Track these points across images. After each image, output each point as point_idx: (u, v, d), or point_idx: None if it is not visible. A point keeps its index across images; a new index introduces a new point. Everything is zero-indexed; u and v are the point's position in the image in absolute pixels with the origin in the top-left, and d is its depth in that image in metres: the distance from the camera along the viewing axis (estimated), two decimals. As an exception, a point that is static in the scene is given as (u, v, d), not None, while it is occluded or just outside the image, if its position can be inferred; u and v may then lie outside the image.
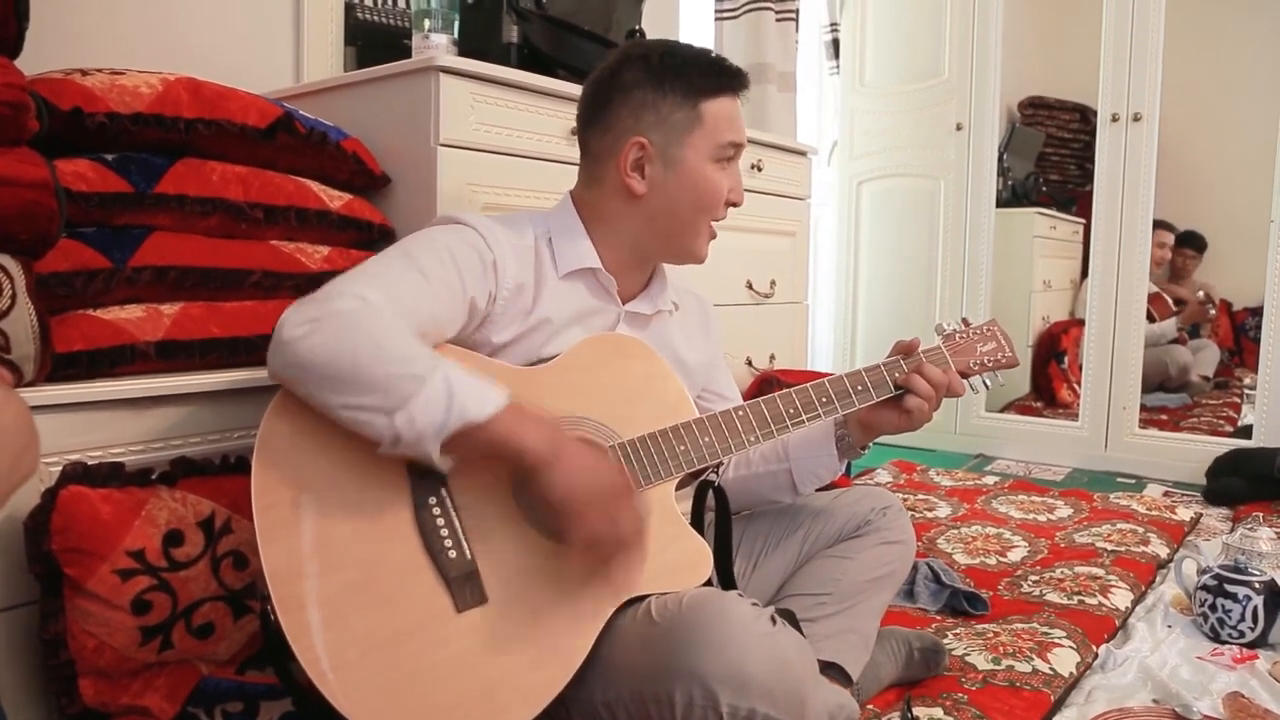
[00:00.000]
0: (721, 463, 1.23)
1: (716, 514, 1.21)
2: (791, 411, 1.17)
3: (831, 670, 1.20)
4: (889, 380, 1.20)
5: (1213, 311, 3.75)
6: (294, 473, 0.93)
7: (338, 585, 0.90)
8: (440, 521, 0.96)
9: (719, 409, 1.16)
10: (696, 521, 1.20)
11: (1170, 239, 3.66)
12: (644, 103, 1.15)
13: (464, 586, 0.95)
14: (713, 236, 1.23)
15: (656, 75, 1.15)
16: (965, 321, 1.32)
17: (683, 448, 1.10)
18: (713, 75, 1.17)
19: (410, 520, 0.96)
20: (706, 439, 1.12)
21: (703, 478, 1.24)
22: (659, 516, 1.06)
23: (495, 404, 0.91)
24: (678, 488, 1.14)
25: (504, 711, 0.92)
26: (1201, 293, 3.71)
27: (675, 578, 1.03)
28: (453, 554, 0.96)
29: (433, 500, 0.97)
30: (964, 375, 1.27)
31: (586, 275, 1.18)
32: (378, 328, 0.92)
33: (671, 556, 1.05)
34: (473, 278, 1.07)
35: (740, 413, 1.15)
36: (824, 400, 1.18)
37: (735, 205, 1.22)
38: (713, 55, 1.19)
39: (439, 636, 0.92)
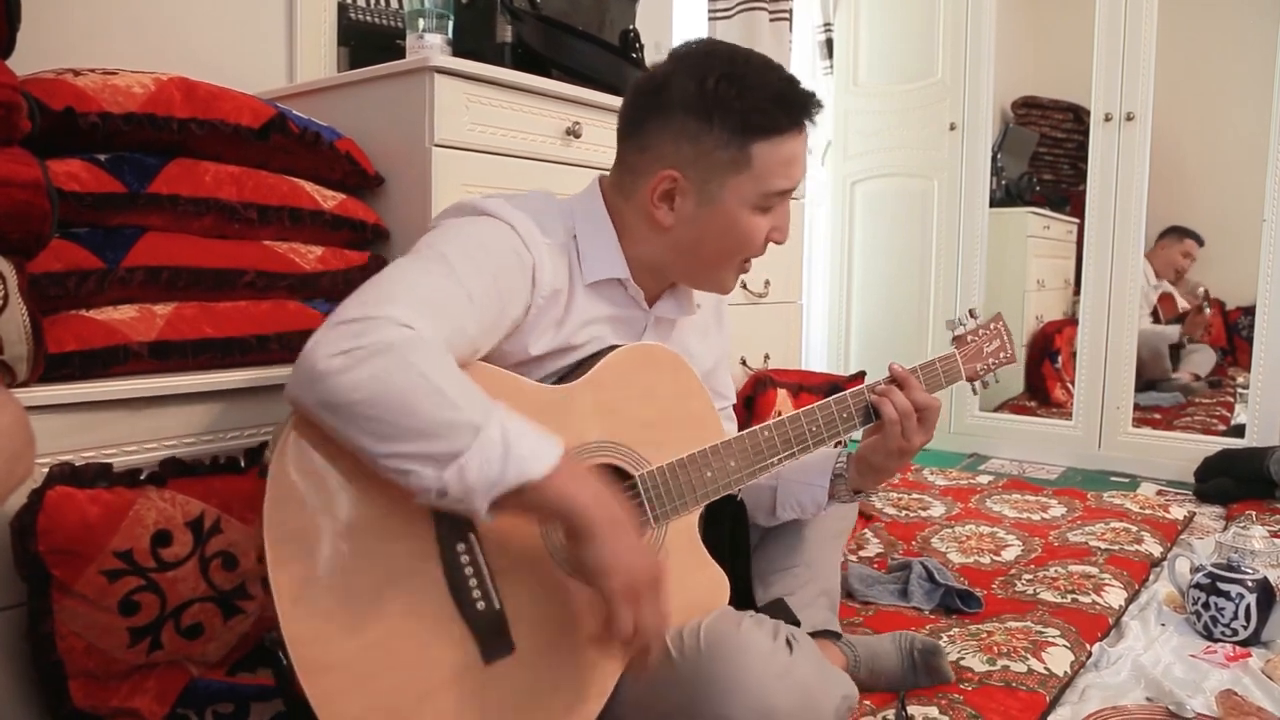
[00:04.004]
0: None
1: (734, 527, 1.22)
2: (814, 430, 1.16)
3: (824, 635, 1.25)
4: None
5: (1207, 310, 3.76)
6: (310, 519, 0.85)
7: (364, 645, 0.84)
8: (469, 570, 0.91)
9: (717, 406, 1.15)
10: (716, 537, 1.20)
11: (1195, 249, 3.64)
12: (685, 131, 1.03)
13: (491, 637, 0.91)
14: (744, 271, 1.16)
15: (708, 102, 1.01)
16: (972, 313, 1.33)
17: (709, 474, 1.08)
18: (774, 112, 1.02)
19: (438, 570, 0.89)
20: (732, 463, 1.10)
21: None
22: (683, 548, 1.06)
23: (550, 460, 0.83)
24: None
25: None
26: (1202, 289, 3.70)
27: (693, 611, 1.03)
28: (481, 605, 0.90)
29: (461, 547, 0.90)
30: (972, 379, 1.31)
31: (614, 285, 1.12)
32: (427, 365, 0.81)
33: (692, 584, 1.06)
34: (512, 289, 0.99)
35: (765, 434, 1.12)
36: (845, 416, 1.18)
37: (777, 244, 1.12)
38: (781, 83, 1.04)
39: (469, 691, 0.89)
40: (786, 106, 1.04)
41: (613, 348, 1.09)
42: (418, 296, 0.88)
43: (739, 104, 1.01)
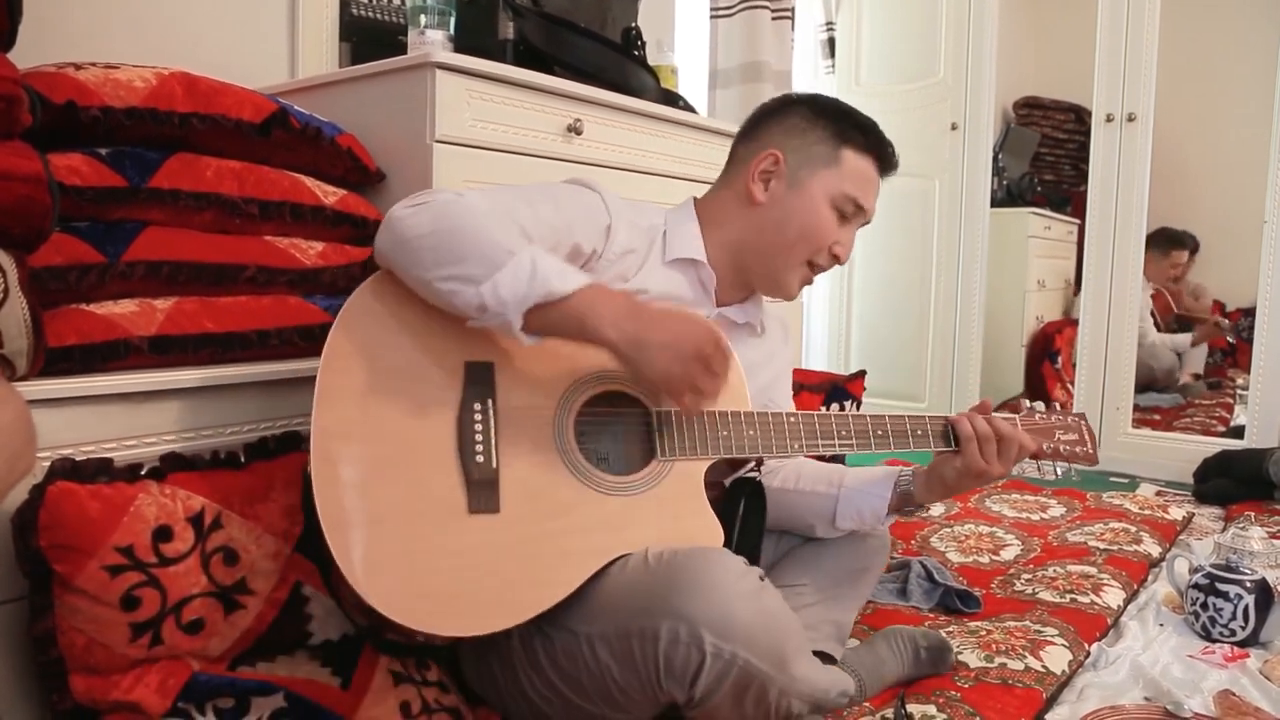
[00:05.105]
0: (762, 460, 1.24)
1: (751, 510, 1.22)
2: (843, 433, 1.19)
3: (822, 660, 1.22)
4: (950, 432, 1.22)
5: (1231, 341, 3.75)
6: (364, 348, 1.02)
7: (371, 455, 0.98)
8: (479, 426, 1.02)
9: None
10: (729, 512, 1.21)
11: (1185, 257, 3.65)
12: (795, 126, 1.24)
13: (481, 491, 1.00)
14: (808, 282, 1.27)
15: (816, 109, 1.25)
16: (1055, 406, 1.31)
17: (724, 434, 1.13)
18: (866, 134, 1.24)
19: (453, 418, 1.02)
20: (750, 433, 1.14)
21: (742, 473, 1.25)
22: (682, 490, 1.10)
23: (575, 282, 0.97)
24: (715, 478, 1.16)
25: (484, 612, 0.97)
26: (1227, 322, 3.69)
27: (680, 544, 1.05)
28: (480, 458, 1.01)
29: (477, 406, 1.03)
30: (1035, 457, 1.27)
31: (689, 268, 1.24)
32: (474, 212, 1.00)
33: (683, 525, 1.09)
34: (581, 225, 1.12)
35: (791, 419, 1.17)
36: (879, 434, 1.20)
37: (838, 260, 1.26)
38: (876, 128, 1.26)
39: (448, 528, 0.99)
40: (877, 140, 1.25)
41: None
42: (487, 191, 1.08)
43: (841, 119, 1.24)
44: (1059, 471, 1.28)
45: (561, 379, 1.09)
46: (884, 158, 1.26)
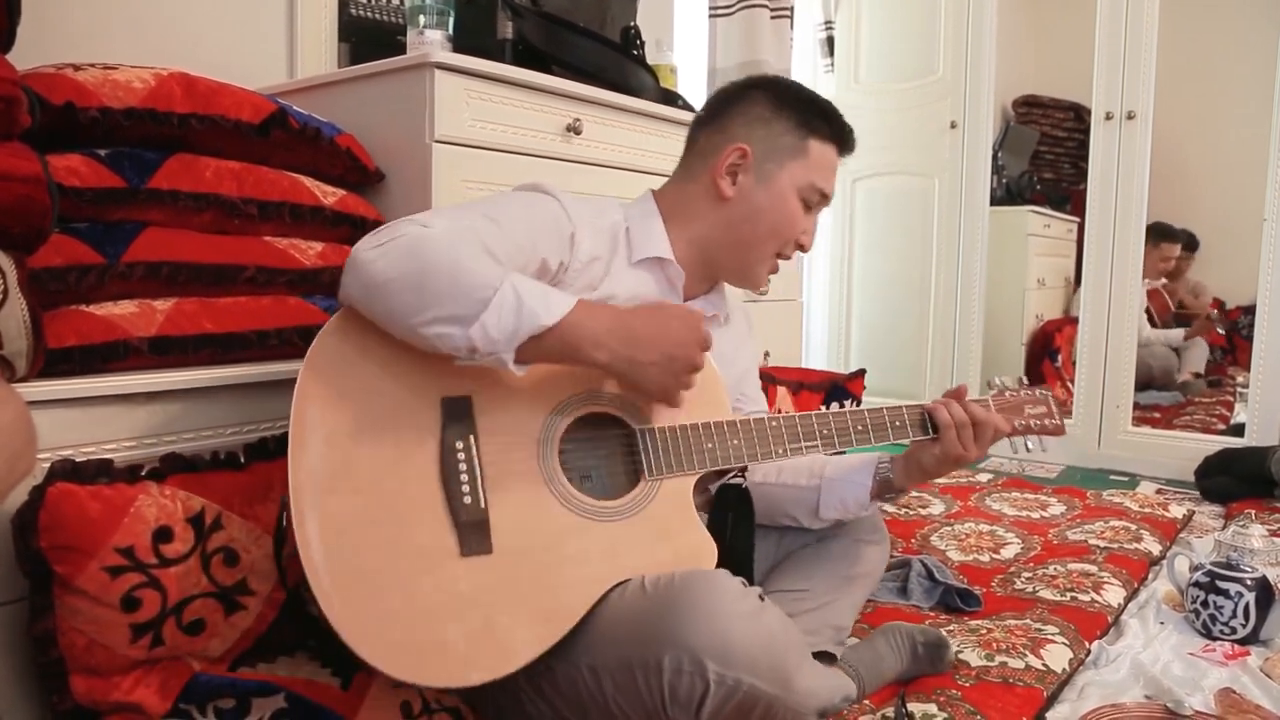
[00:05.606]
0: (746, 467, 1.24)
1: (740, 518, 1.22)
2: (825, 433, 1.19)
3: (821, 659, 1.22)
4: (928, 421, 1.22)
5: (1221, 331, 3.74)
6: (335, 391, 0.98)
7: (353, 504, 0.95)
8: (463, 466, 0.99)
9: (746, 410, 1.16)
10: (718, 522, 1.20)
11: (1176, 250, 3.64)
12: (759, 117, 1.22)
13: (472, 532, 0.98)
14: (774, 271, 1.27)
15: (779, 98, 1.23)
16: (1021, 381, 1.34)
17: (709, 446, 1.12)
18: (828, 121, 1.23)
19: (435, 459, 0.99)
20: (735, 442, 1.13)
21: (726, 480, 1.25)
22: (673, 508, 1.09)
23: (563, 308, 0.95)
24: (702, 486, 1.15)
25: (490, 659, 0.95)
26: (1215, 312, 3.69)
27: (676, 565, 1.04)
28: (468, 499, 0.99)
29: (460, 444, 1.00)
30: (1009, 435, 1.30)
31: (655, 266, 1.22)
32: (444, 245, 0.95)
33: (677, 545, 1.08)
34: (546, 240, 1.09)
35: (773, 423, 1.16)
36: (859, 429, 1.21)
37: (803, 250, 1.27)
38: (835, 111, 1.26)
39: (440, 572, 0.96)
40: (839, 127, 1.25)
41: None
42: (450, 215, 1.03)
43: (804, 106, 1.23)
44: (1029, 446, 1.32)
45: (541, 407, 1.07)
46: (845, 143, 1.26)
